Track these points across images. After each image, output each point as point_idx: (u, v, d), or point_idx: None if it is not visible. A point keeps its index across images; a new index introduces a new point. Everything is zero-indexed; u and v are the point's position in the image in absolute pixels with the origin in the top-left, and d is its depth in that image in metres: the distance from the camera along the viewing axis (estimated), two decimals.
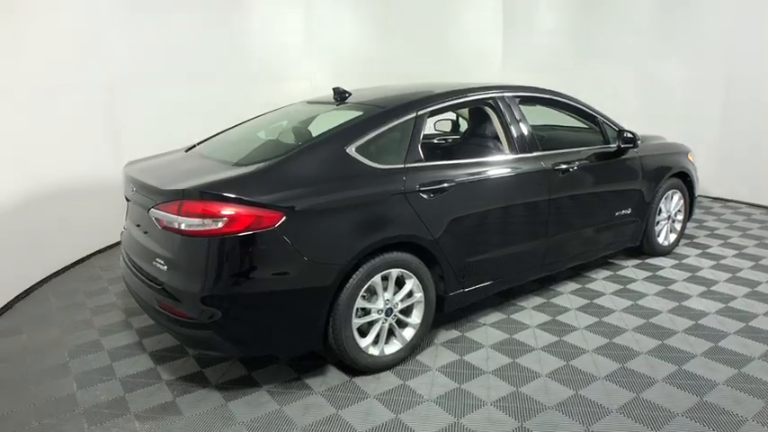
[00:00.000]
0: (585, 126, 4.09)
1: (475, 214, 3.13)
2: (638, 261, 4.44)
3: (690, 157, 4.61)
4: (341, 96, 3.44)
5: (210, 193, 2.44)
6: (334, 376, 2.86)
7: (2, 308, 3.73)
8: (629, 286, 3.94)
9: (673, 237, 4.61)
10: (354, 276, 2.68)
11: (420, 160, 2.98)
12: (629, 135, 3.91)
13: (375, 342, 2.86)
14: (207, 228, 2.41)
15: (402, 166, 2.90)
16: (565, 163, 3.56)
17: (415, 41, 7.19)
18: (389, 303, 2.87)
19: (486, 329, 3.34)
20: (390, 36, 7.09)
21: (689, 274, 4.14)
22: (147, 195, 2.71)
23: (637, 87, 6.89)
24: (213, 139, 3.58)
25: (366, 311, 2.81)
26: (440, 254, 2.99)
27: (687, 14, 6.33)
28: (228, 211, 2.41)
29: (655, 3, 6.63)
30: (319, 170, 2.69)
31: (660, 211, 4.37)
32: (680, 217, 4.61)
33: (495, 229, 3.27)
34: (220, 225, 2.41)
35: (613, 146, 3.93)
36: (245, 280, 2.47)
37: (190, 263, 2.48)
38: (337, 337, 2.70)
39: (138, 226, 2.93)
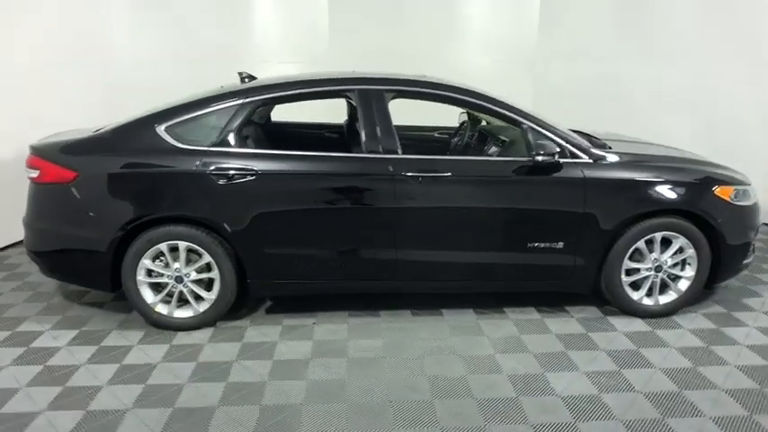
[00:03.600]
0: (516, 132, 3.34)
1: (282, 206, 3.07)
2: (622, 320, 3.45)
3: (721, 193, 3.26)
4: (244, 81, 3.69)
5: (34, 150, 3.14)
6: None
7: None
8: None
9: (668, 297, 3.38)
10: (138, 240, 3.05)
11: (229, 146, 3.09)
12: (554, 149, 3.07)
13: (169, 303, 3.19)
14: (30, 175, 3.13)
15: (204, 148, 3.07)
16: (427, 170, 3.09)
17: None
18: (179, 272, 3.13)
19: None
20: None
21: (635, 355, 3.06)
22: None
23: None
24: None
25: (158, 275, 3.15)
26: (233, 238, 3.07)
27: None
28: (40, 164, 3.08)
29: None
30: (125, 143, 3.10)
31: (643, 256, 3.28)
32: (686, 273, 3.34)
33: (310, 227, 3.12)
34: (35, 175, 3.10)
35: (524, 159, 3.15)
36: (47, 220, 3.12)
37: (27, 199, 3.25)
38: (127, 291, 3.13)
39: None
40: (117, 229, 3.02)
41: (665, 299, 3.40)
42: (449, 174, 3.10)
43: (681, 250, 3.30)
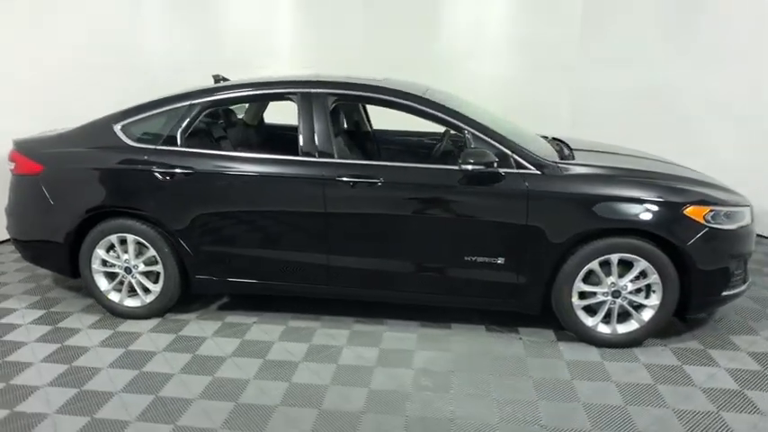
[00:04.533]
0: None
1: (213, 205, 3.16)
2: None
3: (693, 213, 2.89)
4: (218, 83, 3.83)
5: (15, 144, 3.47)
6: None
7: None
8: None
9: (628, 327, 3.05)
10: (93, 231, 3.27)
11: (174, 144, 3.22)
12: (489, 159, 2.88)
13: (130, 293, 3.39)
14: (10, 168, 3.46)
15: (151, 147, 3.23)
16: (360, 176, 3.02)
17: None
18: (128, 263, 3.32)
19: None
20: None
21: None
22: None
23: None
24: None
25: (111, 264, 3.35)
26: (173, 234, 3.20)
27: None
28: (17, 158, 3.39)
29: None
30: (86, 140, 3.33)
31: (600, 279, 2.99)
32: (651, 301, 2.99)
33: (244, 227, 3.18)
34: (13, 167, 3.42)
35: (454, 167, 2.98)
36: (22, 208, 3.43)
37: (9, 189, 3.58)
38: (84, 279, 3.37)
39: None
40: (74, 220, 3.26)
41: (624, 328, 3.06)
42: (380, 180, 3.01)
43: (644, 275, 2.97)
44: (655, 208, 2.90)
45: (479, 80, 6.47)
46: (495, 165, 2.92)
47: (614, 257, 2.94)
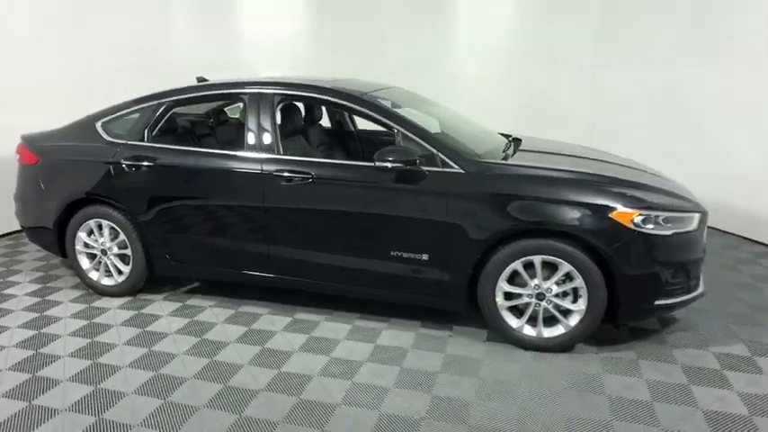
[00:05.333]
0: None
1: (169, 194, 3.47)
2: None
3: (620, 217, 2.79)
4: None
5: (22, 138, 3.97)
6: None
7: None
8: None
9: (554, 331, 2.98)
10: (75, 216, 3.69)
11: (142, 140, 3.56)
12: (408, 157, 2.96)
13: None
14: (18, 159, 3.98)
15: (122, 141, 3.59)
16: (292, 172, 3.20)
17: None
18: (104, 246, 3.71)
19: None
20: None
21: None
22: None
23: None
24: None
25: (91, 246, 3.76)
26: (138, 220, 3.54)
27: None
28: (21, 150, 3.90)
29: None
30: (74, 136, 3.76)
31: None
32: (578, 306, 2.91)
33: (193, 216, 3.45)
34: (19, 157, 3.93)
35: (369, 164, 3.08)
36: (26, 194, 3.91)
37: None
38: (70, 258, 3.80)
39: None
40: (59, 206, 3.69)
41: (550, 332, 3.00)
42: (311, 175, 3.17)
43: (571, 278, 2.90)
44: (576, 210, 2.83)
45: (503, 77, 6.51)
46: (418, 163, 2.99)
47: (537, 259, 2.90)
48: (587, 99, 6.49)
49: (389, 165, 2.98)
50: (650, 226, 2.81)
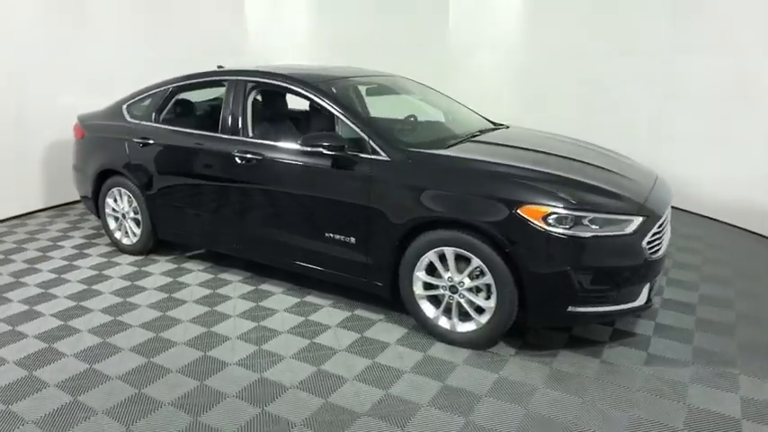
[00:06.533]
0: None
1: (163, 168, 3.98)
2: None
3: (527, 213, 2.65)
4: None
5: (78, 118, 4.77)
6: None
7: None
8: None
9: (467, 326, 2.93)
10: (104, 185, 4.40)
11: (151, 121, 4.11)
12: (337, 142, 3.09)
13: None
14: (73, 133, 4.79)
15: (137, 122, 4.17)
16: (249, 153, 3.49)
17: None
18: (124, 210, 4.36)
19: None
20: None
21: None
22: None
23: None
24: None
25: (115, 211, 4.44)
26: (142, 190, 4.11)
27: None
28: (76, 127, 4.70)
29: None
30: (108, 116, 4.44)
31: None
32: (488, 303, 2.82)
33: (179, 189, 3.93)
34: (74, 132, 4.74)
35: (305, 147, 3.24)
36: (78, 163, 4.71)
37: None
38: (102, 220, 4.53)
39: None
40: (93, 176, 4.42)
41: (463, 327, 2.94)
42: (260, 157, 3.43)
43: (483, 274, 2.82)
44: (482, 203, 2.75)
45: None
46: (346, 148, 3.10)
47: (448, 251, 2.87)
48: (659, 89, 5.88)
49: (309, 148, 3.16)
50: (565, 225, 2.62)
